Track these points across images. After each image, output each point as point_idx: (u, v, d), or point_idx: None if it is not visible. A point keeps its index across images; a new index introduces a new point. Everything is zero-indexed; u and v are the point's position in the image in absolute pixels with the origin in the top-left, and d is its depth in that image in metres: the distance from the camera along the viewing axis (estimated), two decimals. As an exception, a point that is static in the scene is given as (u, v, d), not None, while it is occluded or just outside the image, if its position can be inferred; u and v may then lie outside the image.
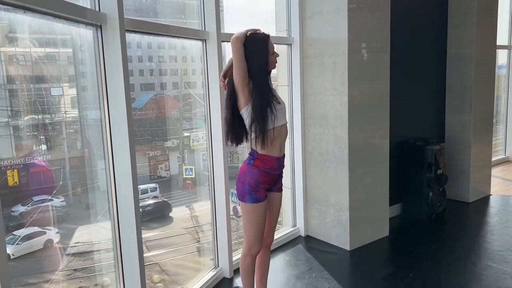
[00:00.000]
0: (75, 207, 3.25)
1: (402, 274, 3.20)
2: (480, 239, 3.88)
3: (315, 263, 3.43)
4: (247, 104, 2.23)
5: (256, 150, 2.30)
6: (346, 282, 3.12)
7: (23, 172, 3.13)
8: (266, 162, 2.31)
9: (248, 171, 2.31)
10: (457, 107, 4.85)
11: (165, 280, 4.24)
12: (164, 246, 4.88)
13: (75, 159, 3.29)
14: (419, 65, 4.57)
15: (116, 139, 2.22)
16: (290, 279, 3.19)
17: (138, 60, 6.08)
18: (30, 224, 3.07)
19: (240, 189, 2.35)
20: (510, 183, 5.66)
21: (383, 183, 3.84)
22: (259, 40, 2.27)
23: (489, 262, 3.34)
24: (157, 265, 4.50)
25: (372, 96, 3.66)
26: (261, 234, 2.41)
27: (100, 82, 2.22)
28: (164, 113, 5.99)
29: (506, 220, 4.26)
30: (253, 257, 2.45)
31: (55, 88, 3.20)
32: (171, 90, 6.23)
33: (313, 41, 3.70)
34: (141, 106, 5.84)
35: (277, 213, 2.60)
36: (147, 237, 4.82)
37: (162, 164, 5.79)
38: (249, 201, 2.32)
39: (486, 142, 5.02)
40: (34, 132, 3.23)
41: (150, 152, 5.68)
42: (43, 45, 3.03)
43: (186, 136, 5.69)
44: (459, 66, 4.79)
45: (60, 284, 3.22)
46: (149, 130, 5.89)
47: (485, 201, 4.88)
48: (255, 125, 2.22)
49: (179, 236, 5.16)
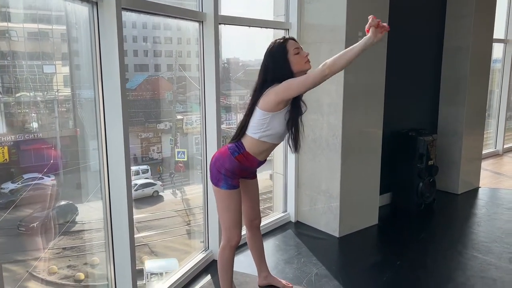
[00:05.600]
0: (65, 186, 3.24)
1: (389, 261, 3.25)
2: (467, 230, 3.94)
3: (304, 248, 3.47)
4: (273, 111, 2.16)
5: (244, 147, 2.28)
6: (334, 268, 3.16)
7: (14, 150, 3.09)
8: (249, 161, 2.30)
9: (228, 160, 2.28)
10: (451, 99, 4.87)
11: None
12: (154, 227, 4.89)
13: (66, 138, 3.26)
14: (415, 56, 4.57)
15: (110, 119, 2.20)
16: (279, 263, 3.23)
17: (132, 40, 6.00)
18: (20, 202, 3.04)
19: (215, 174, 2.31)
20: (499, 176, 5.74)
21: (375, 172, 3.86)
22: (278, 47, 2.20)
23: (475, 253, 3.40)
24: (147, 246, 4.54)
25: (368, 85, 3.66)
26: (238, 221, 2.37)
27: (94, 61, 2.19)
28: (157, 95, 5.95)
29: (493, 212, 4.33)
30: (232, 249, 2.41)
31: (47, 66, 3.14)
32: (165, 72, 6.18)
33: (311, 27, 3.67)
34: (135, 87, 5.76)
35: (258, 195, 2.63)
36: (137, 218, 4.78)
37: (154, 146, 5.76)
38: (223, 187, 2.30)
39: (478, 135, 5.07)
40: (25, 110, 3.18)
41: (142, 134, 5.62)
42: (36, 21, 2.98)
43: (179, 119, 5.66)
44: (454, 57, 4.80)
45: (49, 262, 3.22)
46: (142, 112, 5.83)
47: (474, 193, 4.95)
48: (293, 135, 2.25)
49: (169, 218, 5.18)
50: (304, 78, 2.08)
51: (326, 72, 2.02)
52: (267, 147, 2.29)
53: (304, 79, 2.08)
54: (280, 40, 2.24)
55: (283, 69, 2.16)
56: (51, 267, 3.25)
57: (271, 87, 2.14)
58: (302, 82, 2.07)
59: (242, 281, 2.92)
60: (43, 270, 3.16)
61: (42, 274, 3.15)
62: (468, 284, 2.94)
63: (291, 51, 2.18)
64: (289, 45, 2.20)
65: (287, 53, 2.18)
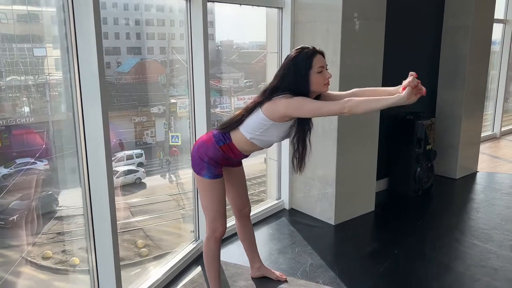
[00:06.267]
0: (60, 171, 3.13)
1: (386, 250, 3.14)
2: (465, 217, 3.84)
3: (298, 237, 3.35)
4: (276, 121, 2.03)
5: (231, 139, 2.15)
6: (330, 257, 3.05)
7: (6, 134, 3.01)
8: (233, 153, 2.18)
9: (212, 149, 2.15)
10: (450, 81, 4.71)
11: (149, 245, 4.21)
12: (148, 212, 4.81)
13: (59, 122, 3.15)
14: (414, 36, 4.39)
15: (87, 101, 2.03)
16: (273, 253, 3.11)
17: (125, 22, 5.83)
18: (13, 187, 2.94)
19: (198, 162, 2.17)
20: (497, 160, 5.64)
21: (371, 157, 3.73)
22: (304, 59, 2.00)
23: (475, 240, 3.30)
24: (142, 231, 4.44)
25: (365, 67, 3.49)
26: (223, 212, 2.25)
27: (70, 41, 2.01)
28: (150, 78, 5.81)
29: (492, 198, 4.23)
30: (217, 240, 2.29)
31: (38, 49, 3.06)
32: (158, 55, 6.03)
33: (305, 6, 3.48)
34: (127, 70, 5.63)
35: (245, 182, 2.50)
36: (132, 203, 4.77)
37: (148, 130, 5.62)
38: (206, 176, 2.16)
39: (477, 118, 4.93)
40: (16, 94, 3.09)
41: (136, 118, 5.48)
42: (25, 3, 2.93)
43: (173, 103, 5.51)
44: (454, 37, 4.62)
45: (44, 247, 3.14)
46: (135, 95, 5.68)
47: (472, 178, 4.85)
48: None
49: (164, 203, 5.10)
50: (320, 106, 1.93)
51: (345, 111, 1.87)
52: (254, 148, 2.19)
53: (319, 107, 1.93)
54: (308, 50, 2.04)
55: (300, 84, 2.00)
56: (45, 252, 3.18)
57: (282, 97, 1.98)
58: (317, 110, 1.93)
59: (233, 272, 2.80)
60: (38, 255, 3.10)
61: (36, 259, 3.10)
62: (468, 274, 2.83)
63: (315, 68, 2.00)
64: (315, 60, 2.01)
65: (311, 68, 2.00)
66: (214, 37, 6.33)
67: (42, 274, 3.06)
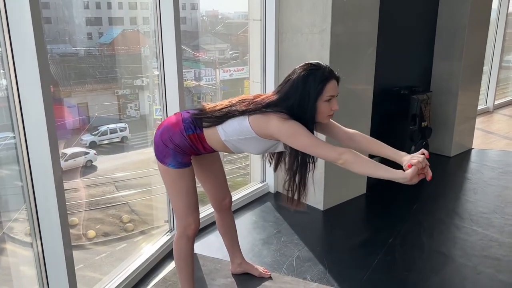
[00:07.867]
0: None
1: (380, 239, 2.87)
2: (462, 199, 3.59)
3: (284, 225, 3.06)
4: (261, 136, 1.76)
5: (203, 131, 1.82)
6: (318, 248, 2.76)
7: None
8: (202, 144, 1.85)
9: (179, 135, 1.81)
10: (446, 52, 4.38)
11: (134, 220, 4.06)
12: (134, 186, 4.58)
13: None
14: (408, 5, 4.03)
15: (22, 74, 1.64)
16: (256, 244, 2.82)
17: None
18: None
19: (161, 148, 1.83)
20: (491, 136, 5.39)
21: (364, 136, 3.41)
22: (317, 82, 1.71)
23: (474, 226, 3.05)
24: (127, 205, 4.28)
25: (358, 35, 3.13)
26: (194, 206, 1.92)
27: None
28: (133, 50, 5.45)
29: (489, 177, 3.98)
30: (189, 239, 1.97)
31: None
32: (141, 25, 5.64)
33: (292, -35, 3.07)
34: (109, 41, 5.38)
35: (222, 168, 2.19)
36: (117, 177, 4.59)
37: (131, 103, 5.33)
38: (171, 165, 1.82)
39: (473, 91, 4.64)
40: None
41: (118, 91, 5.20)
42: None
43: (157, 75, 5.18)
44: (452, 4, 4.26)
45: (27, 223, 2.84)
46: (117, 67, 5.38)
47: (467, 156, 4.60)
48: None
49: (148, 177, 4.86)
50: (315, 145, 1.68)
51: (340, 162, 1.68)
52: (225, 149, 1.88)
53: (315, 146, 1.68)
54: (323, 71, 1.74)
55: (305, 111, 1.71)
56: (28, 228, 2.89)
57: (277, 115, 1.69)
58: (310, 148, 1.69)
59: (211, 268, 2.50)
60: (21, 231, 2.80)
61: (19, 235, 2.79)
62: (469, 265, 2.58)
63: (325, 96, 1.72)
64: (328, 87, 1.73)
65: (321, 95, 1.71)
66: (199, 7, 5.94)
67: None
